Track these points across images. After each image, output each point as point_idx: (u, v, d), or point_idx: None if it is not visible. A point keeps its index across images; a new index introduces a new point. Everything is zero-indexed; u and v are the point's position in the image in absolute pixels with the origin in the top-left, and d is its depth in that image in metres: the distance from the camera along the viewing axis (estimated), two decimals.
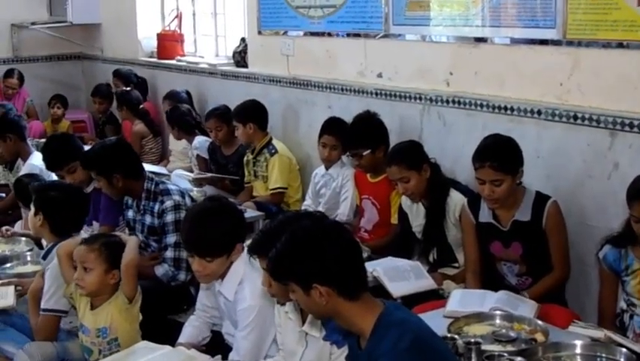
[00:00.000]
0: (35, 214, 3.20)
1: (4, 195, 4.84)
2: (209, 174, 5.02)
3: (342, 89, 4.64)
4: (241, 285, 2.73)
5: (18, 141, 4.67)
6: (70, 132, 6.71)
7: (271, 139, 4.82)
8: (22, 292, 3.27)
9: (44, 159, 4.09)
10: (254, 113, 4.78)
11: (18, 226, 4.19)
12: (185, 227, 2.78)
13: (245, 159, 4.95)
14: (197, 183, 4.88)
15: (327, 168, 4.40)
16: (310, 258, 2.01)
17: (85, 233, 3.43)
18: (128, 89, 6.22)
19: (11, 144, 4.66)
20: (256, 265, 2.55)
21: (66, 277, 2.94)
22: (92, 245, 2.87)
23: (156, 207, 3.54)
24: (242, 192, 4.96)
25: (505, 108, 3.65)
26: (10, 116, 4.82)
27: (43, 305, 3.02)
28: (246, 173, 4.95)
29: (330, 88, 4.73)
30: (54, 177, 4.27)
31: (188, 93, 5.94)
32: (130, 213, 3.73)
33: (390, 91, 4.31)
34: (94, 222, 3.97)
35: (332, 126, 4.29)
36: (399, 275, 3.22)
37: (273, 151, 4.75)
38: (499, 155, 3.06)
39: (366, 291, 2.08)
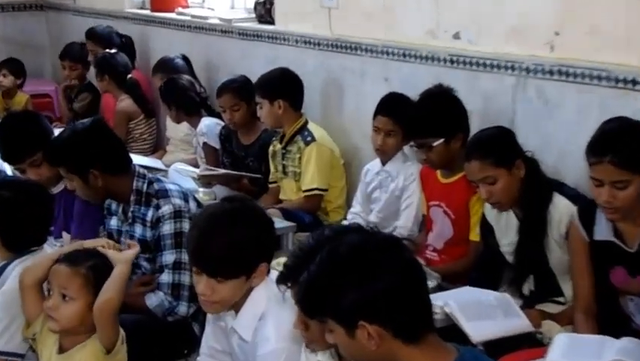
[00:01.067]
0: None
1: None
2: (221, 170, 5.06)
3: (405, 55, 4.64)
4: (263, 321, 2.75)
5: None
6: (30, 109, 6.83)
7: (306, 123, 4.86)
8: None
9: (0, 148, 4.09)
10: (284, 86, 4.83)
11: None
12: (193, 234, 2.80)
13: (270, 149, 4.99)
14: (205, 181, 4.94)
15: (383, 163, 4.42)
16: (355, 287, 2.01)
17: (49, 248, 3.48)
18: (113, 51, 6.30)
19: None
20: (286, 296, 2.55)
21: (29, 314, 2.98)
22: (78, 268, 2.89)
23: (149, 213, 3.57)
24: (265, 195, 5.01)
25: (634, 82, 3.61)
26: None
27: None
28: (272, 168, 4.99)
29: (388, 53, 4.74)
30: (8, 171, 4.34)
31: (185, 58, 5.99)
32: (113, 222, 3.76)
33: (470, 58, 4.29)
34: (63, 234, 4.02)
35: (390, 106, 4.31)
36: (480, 312, 3.21)
37: (309, 139, 4.78)
38: (625, 146, 2.99)
39: (433, 332, 2.09)
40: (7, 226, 3.17)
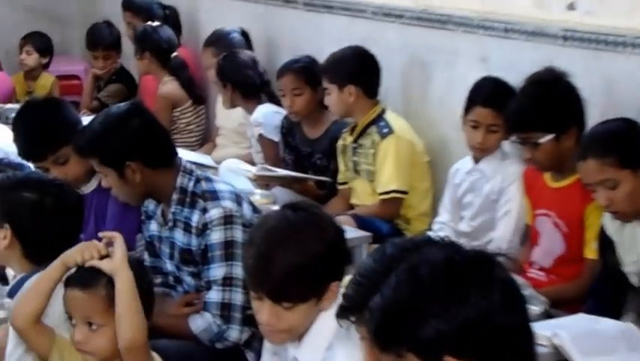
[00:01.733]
0: None
1: None
2: (282, 172, 5.08)
3: (506, 30, 4.62)
4: (331, 351, 2.74)
5: None
6: (56, 95, 6.94)
7: (383, 112, 4.87)
8: None
9: (16, 142, 4.14)
10: (356, 69, 4.84)
11: None
12: (251, 253, 2.79)
13: (339, 143, 5.01)
14: (262, 183, 4.98)
15: (476, 161, 4.41)
16: (440, 314, 1.98)
17: None
18: (156, 24, 6.37)
19: None
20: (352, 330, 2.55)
21: (40, 352, 2.98)
22: (95, 290, 2.88)
23: (194, 217, 3.56)
24: (334, 199, 5.04)
25: None
26: None
27: None
28: (341, 167, 5.01)
29: (486, 28, 4.72)
30: (31, 167, 4.44)
31: (244, 34, 6.03)
32: (153, 227, 3.78)
33: (589, 33, 4.27)
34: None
35: (487, 93, 4.30)
36: (598, 346, 3.18)
37: (386, 131, 4.79)
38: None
39: None
40: (30, 233, 3.19)
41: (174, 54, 6.32)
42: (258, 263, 2.75)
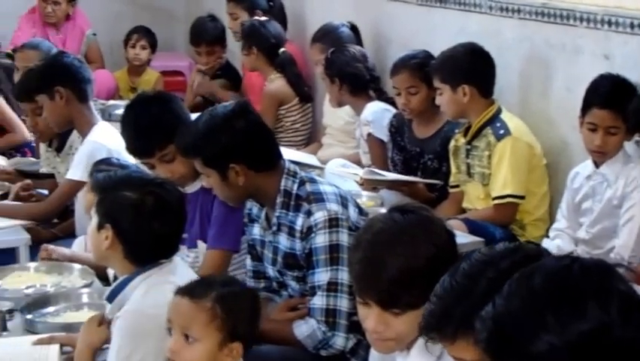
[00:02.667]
0: (99, 228, 3.25)
1: (46, 192, 5.12)
2: (391, 175, 5.07)
3: (632, 26, 4.53)
4: (441, 360, 2.67)
5: (74, 100, 4.85)
6: (161, 90, 7.02)
7: (499, 112, 4.83)
8: (42, 340, 3.38)
9: (123, 137, 4.16)
10: (471, 68, 4.81)
11: (76, 245, 4.37)
12: (357, 257, 2.76)
13: (451, 144, 4.99)
14: (370, 185, 4.96)
15: (596, 165, 4.34)
16: (554, 328, 1.93)
17: (184, 259, 3.52)
18: (264, 19, 6.38)
19: (61, 106, 4.83)
20: None
21: None
22: (203, 301, 2.89)
23: (298, 221, 3.57)
24: (444, 202, 5.02)
25: None
26: (63, 61, 4.98)
27: None
28: (453, 169, 4.99)
29: (610, 23, 4.63)
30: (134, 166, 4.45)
31: (353, 28, 6.02)
32: (256, 231, 3.79)
33: None
34: (199, 243, 4.07)
35: (605, 93, 4.21)
36: None
37: (502, 132, 4.74)
38: None
39: None
40: (131, 233, 3.20)
41: (282, 50, 6.32)
42: (365, 268, 2.73)
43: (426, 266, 2.69)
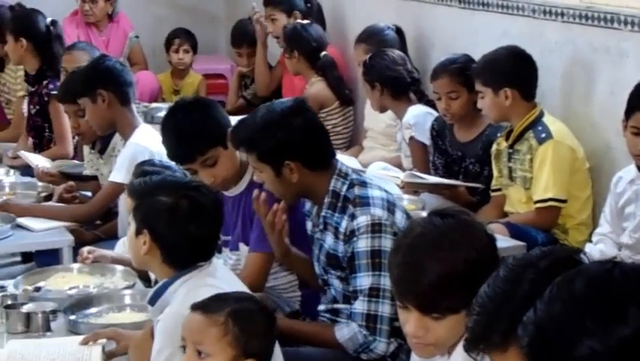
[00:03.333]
0: (137, 234, 3.27)
1: (89, 194, 5.16)
2: (432, 179, 5.05)
3: None
4: None
5: (116, 103, 4.87)
6: (203, 93, 7.05)
7: (541, 115, 4.79)
8: (114, 351, 3.40)
9: (164, 143, 4.15)
10: (513, 70, 4.78)
11: (119, 247, 4.40)
12: (397, 261, 2.75)
13: (493, 148, 4.97)
14: (411, 188, 4.96)
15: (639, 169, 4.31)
16: (595, 333, 1.92)
17: (227, 261, 3.52)
18: (306, 22, 6.39)
19: (103, 109, 4.86)
20: None
21: None
22: (215, 316, 2.87)
23: (343, 223, 3.57)
24: (486, 206, 4.99)
25: None
26: (105, 64, 5.01)
27: None
28: (495, 173, 4.96)
29: None
30: (177, 168, 4.46)
31: (399, 31, 6.01)
32: (308, 226, 3.80)
33: None
34: (241, 246, 4.06)
35: None
36: None
37: (544, 136, 4.71)
38: None
39: None
40: (167, 237, 3.22)
41: (323, 53, 6.33)
42: (404, 272, 2.71)
43: (466, 270, 2.67)
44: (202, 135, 3.99)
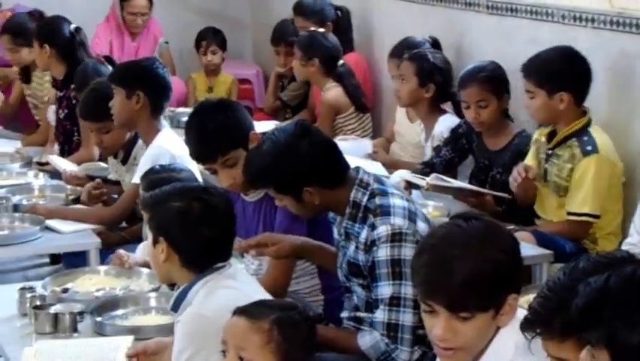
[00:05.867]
0: (155, 243, 3.32)
1: (115, 196, 5.23)
2: (457, 183, 5.03)
3: None
4: None
5: (147, 109, 4.91)
6: (235, 94, 7.11)
7: (589, 123, 4.69)
8: (137, 350, 3.44)
9: (187, 143, 4.21)
10: (571, 74, 4.65)
11: (139, 250, 4.42)
12: (422, 261, 2.74)
13: (534, 138, 4.88)
14: (436, 192, 4.95)
15: None
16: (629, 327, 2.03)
17: (249, 267, 3.56)
18: (321, 30, 6.42)
19: (133, 108, 4.89)
20: (533, 346, 2.49)
21: None
22: (260, 322, 2.89)
23: (363, 233, 3.55)
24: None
25: None
26: (156, 70, 5.02)
27: None
28: (531, 160, 4.87)
29: None
30: (196, 171, 4.55)
31: (435, 43, 5.96)
32: (335, 232, 3.80)
33: None
34: None
35: None
36: None
37: (589, 148, 4.62)
38: None
39: None
40: (182, 242, 3.27)
41: (341, 62, 6.35)
42: (432, 271, 2.69)
43: (493, 271, 2.66)
44: (224, 136, 4.04)
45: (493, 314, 2.69)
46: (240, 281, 3.30)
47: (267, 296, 3.32)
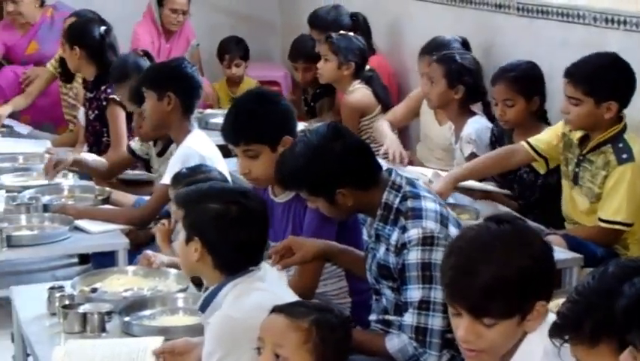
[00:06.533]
0: (187, 241, 3.33)
1: (145, 198, 5.26)
2: (489, 187, 5.01)
3: None
4: None
5: (178, 110, 4.93)
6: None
7: (624, 129, 4.63)
8: (165, 349, 3.46)
9: (225, 115, 4.21)
10: (620, 83, 4.58)
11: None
12: (450, 263, 2.75)
13: (565, 137, 4.83)
14: (463, 193, 4.96)
15: None
16: None
17: (277, 268, 3.58)
18: (350, 33, 6.43)
19: (164, 110, 4.91)
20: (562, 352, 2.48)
21: None
22: (299, 321, 2.91)
23: (394, 235, 3.55)
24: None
25: None
26: (185, 71, 5.04)
27: None
28: (564, 180, 4.84)
29: None
30: (224, 170, 4.59)
31: (465, 43, 5.98)
32: (365, 234, 3.81)
33: None
34: None
35: None
36: None
37: (625, 156, 4.56)
38: None
39: None
40: (218, 244, 3.28)
41: (368, 67, 6.36)
42: (456, 274, 2.70)
43: (519, 277, 2.65)
44: (255, 126, 4.05)
45: (519, 320, 2.69)
46: (270, 283, 3.31)
47: (296, 298, 3.33)
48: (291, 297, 3.28)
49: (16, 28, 7.78)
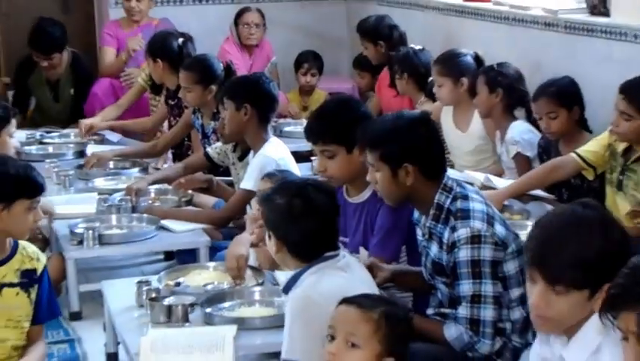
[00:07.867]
0: (270, 237, 3.40)
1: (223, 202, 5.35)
2: (541, 193, 4.94)
3: None
4: (597, 355, 2.68)
5: (254, 121, 4.95)
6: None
7: None
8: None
9: (312, 113, 4.28)
10: None
11: (251, 254, 4.43)
12: (535, 234, 2.77)
13: (610, 146, 4.76)
14: (524, 199, 4.89)
15: None
16: None
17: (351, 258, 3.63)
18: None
19: (241, 120, 4.93)
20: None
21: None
22: (370, 312, 2.95)
23: (445, 234, 3.57)
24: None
25: None
26: (264, 85, 5.05)
27: (283, 356, 3.24)
28: (608, 186, 4.80)
29: None
30: (294, 168, 4.67)
31: (477, 58, 5.84)
32: (419, 232, 3.80)
33: None
34: (361, 250, 4.05)
35: None
36: None
37: None
38: None
39: None
40: (288, 235, 3.34)
41: (431, 79, 6.33)
42: (538, 244, 2.73)
43: (596, 255, 2.67)
44: (333, 128, 4.05)
45: (588, 296, 2.70)
46: (352, 272, 3.36)
47: (375, 289, 3.40)
48: (370, 287, 3.35)
49: (123, 26, 7.76)
